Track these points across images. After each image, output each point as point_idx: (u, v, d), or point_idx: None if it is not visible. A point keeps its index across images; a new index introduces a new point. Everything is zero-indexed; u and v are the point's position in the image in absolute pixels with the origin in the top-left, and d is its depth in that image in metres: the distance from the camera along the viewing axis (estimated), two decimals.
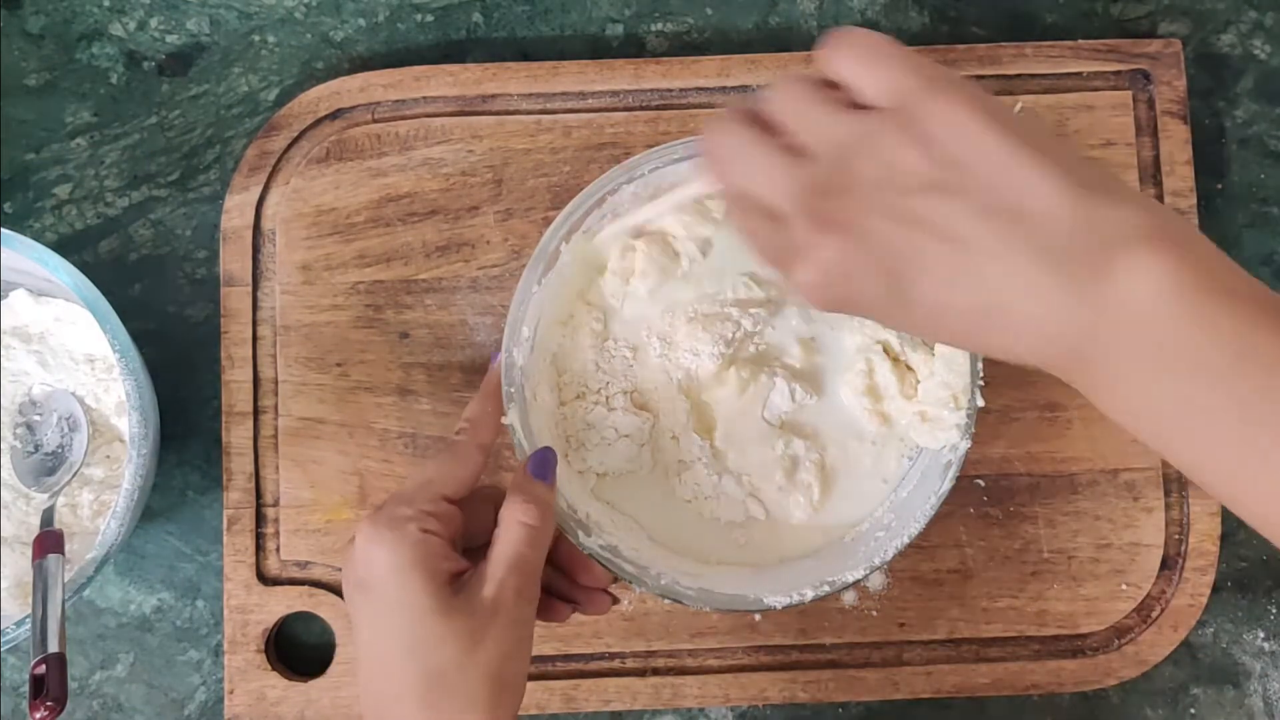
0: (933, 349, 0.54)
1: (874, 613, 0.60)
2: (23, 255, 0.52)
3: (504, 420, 0.51)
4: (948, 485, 0.52)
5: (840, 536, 0.55)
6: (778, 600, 0.51)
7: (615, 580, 0.51)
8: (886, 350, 0.55)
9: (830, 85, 0.38)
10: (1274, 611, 0.62)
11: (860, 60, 0.38)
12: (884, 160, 0.36)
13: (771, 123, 0.39)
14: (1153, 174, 0.62)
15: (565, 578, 0.52)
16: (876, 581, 0.60)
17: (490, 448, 0.49)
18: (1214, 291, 0.33)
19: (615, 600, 0.52)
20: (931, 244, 0.36)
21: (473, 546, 0.47)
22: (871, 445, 0.55)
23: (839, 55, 0.38)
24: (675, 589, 0.51)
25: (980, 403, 0.52)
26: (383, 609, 0.43)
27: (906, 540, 0.52)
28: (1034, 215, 0.35)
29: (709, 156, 0.40)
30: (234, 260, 0.61)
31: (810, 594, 0.51)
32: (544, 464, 0.49)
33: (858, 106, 0.37)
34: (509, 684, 0.44)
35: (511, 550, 0.45)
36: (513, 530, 0.45)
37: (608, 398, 0.55)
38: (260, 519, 0.60)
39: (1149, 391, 0.34)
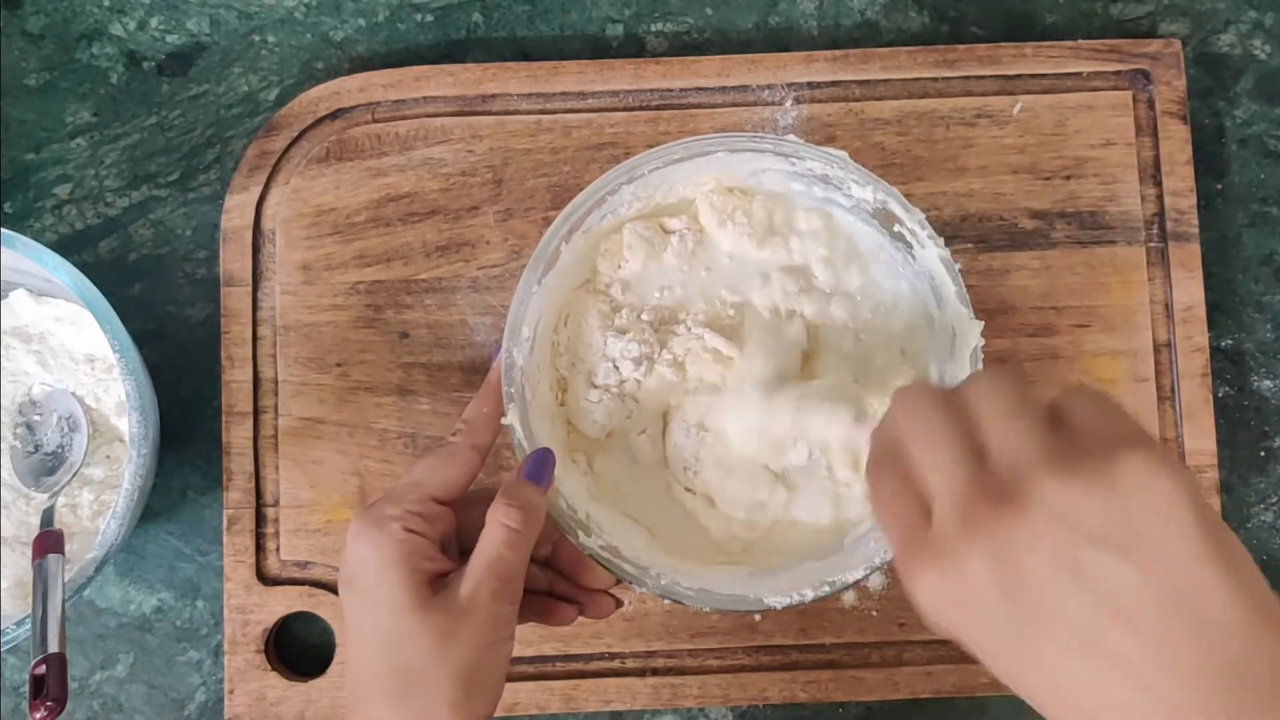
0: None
1: (874, 613, 0.60)
2: (23, 255, 0.52)
3: (504, 421, 0.51)
4: None
5: (840, 536, 0.55)
6: (778, 600, 0.51)
7: (617, 582, 0.51)
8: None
9: (1041, 405, 0.35)
10: None
11: (1079, 394, 0.35)
12: (1063, 493, 0.32)
13: (969, 412, 0.35)
14: (1153, 174, 0.62)
15: (568, 580, 0.52)
16: (876, 581, 0.60)
17: (487, 449, 0.49)
18: None
19: (619, 603, 0.52)
20: (1081, 599, 0.31)
21: (468, 549, 0.47)
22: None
23: (1065, 389, 0.35)
24: (675, 589, 0.51)
25: None
26: (364, 604, 0.44)
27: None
28: (1210, 629, 0.30)
29: (900, 411, 0.37)
30: (234, 260, 0.61)
31: (810, 594, 0.51)
32: (540, 465, 0.49)
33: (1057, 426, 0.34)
34: (481, 683, 0.44)
35: (492, 551, 0.45)
36: (494, 531, 0.45)
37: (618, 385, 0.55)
38: (260, 519, 0.60)
39: None
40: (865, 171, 0.53)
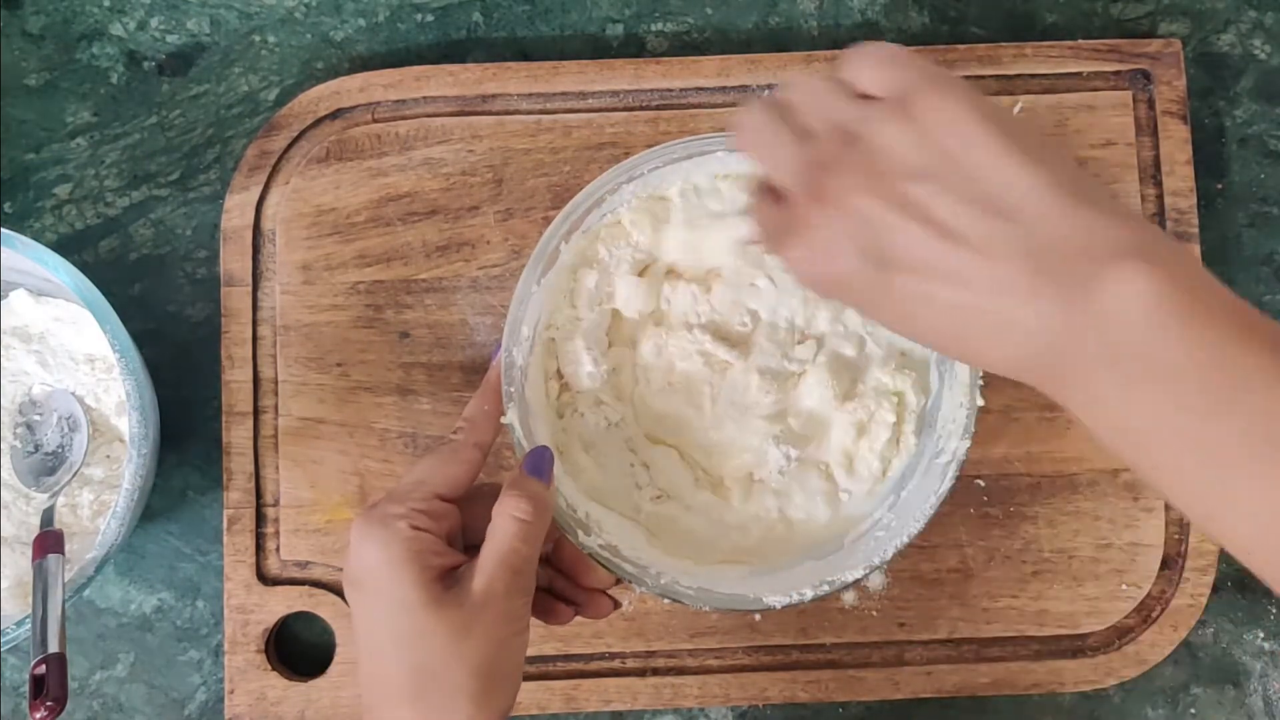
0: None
1: (874, 613, 0.60)
2: (23, 255, 0.52)
3: (503, 420, 0.51)
4: (948, 485, 0.52)
5: (841, 535, 0.55)
6: (777, 600, 0.51)
7: (617, 582, 0.51)
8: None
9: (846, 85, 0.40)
10: (1274, 611, 0.62)
11: (870, 60, 0.39)
12: (877, 144, 0.37)
13: (789, 108, 0.40)
14: (1153, 174, 0.62)
15: (567, 579, 0.52)
16: (876, 581, 0.60)
17: (488, 447, 0.49)
18: (1195, 307, 0.34)
19: (617, 604, 0.52)
20: (915, 229, 0.36)
21: (474, 544, 0.47)
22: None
23: (853, 57, 0.40)
24: (675, 588, 0.51)
25: (980, 402, 0.52)
26: (374, 604, 0.44)
27: (906, 540, 0.52)
28: (1022, 217, 0.35)
29: (735, 134, 0.42)
30: (234, 260, 0.61)
31: (810, 593, 0.51)
32: (540, 462, 0.49)
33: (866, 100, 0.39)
34: (499, 677, 0.44)
35: (504, 544, 0.45)
36: (505, 524, 0.45)
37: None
38: (260, 519, 0.60)
39: (1125, 404, 0.35)
40: None
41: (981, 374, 0.52)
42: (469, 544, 0.48)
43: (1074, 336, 0.35)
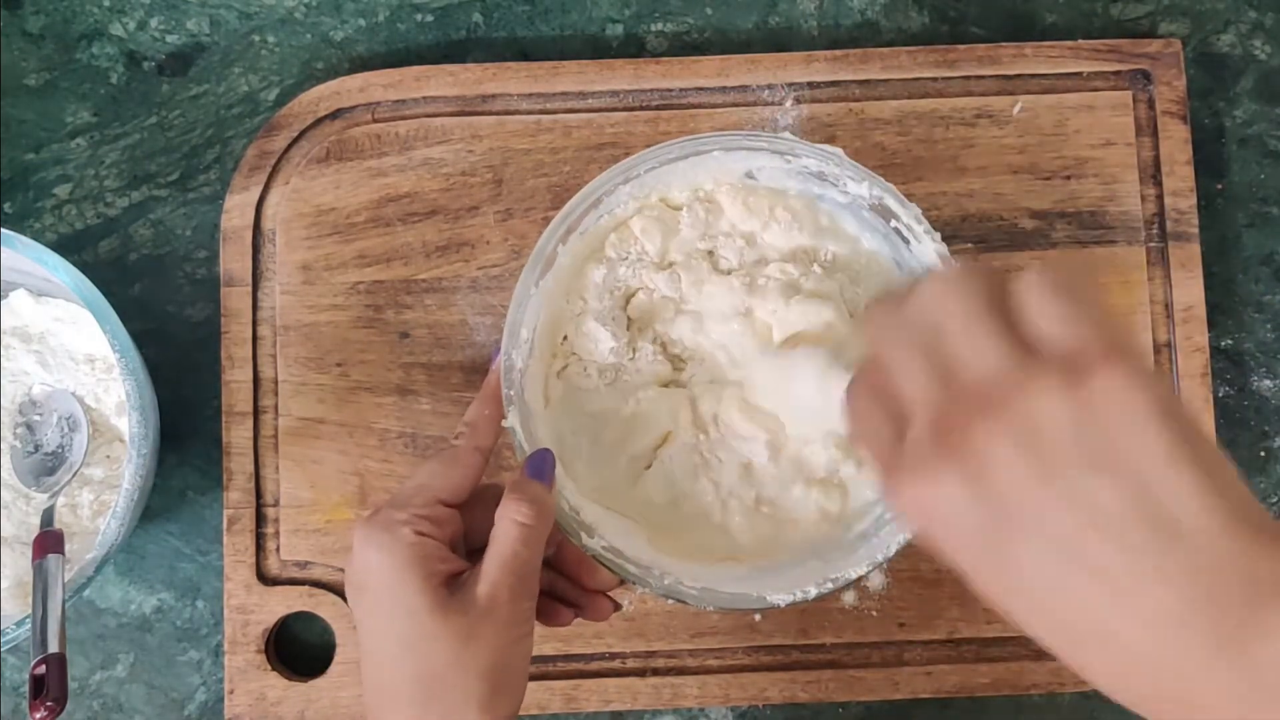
0: None
1: (874, 613, 0.60)
2: (23, 255, 0.52)
3: (504, 423, 0.51)
4: None
5: (843, 533, 0.55)
6: (780, 598, 0.51)
7: (620, 583, 0.51)
8: None
9: (1006, 302, 0.34)
10: None
11: (1044, 293, 0.33)
12: (1033, 413, 0.32)
13: (936, 322, 0.35)
14: (1153, 174, 0.62)
15: (569, 582, 0.52)
16: (876, 581, 0.60)
17: (490, 451, 0.49)
18: None
19: (617, 606, 0.52)
20: (1064, 516, 0.31)
21: (477, 548, 0.47)
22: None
23: (1026, 282, 0.34)
24: (678, 589, 0.51)
25: None
26: (378, 610, 0.44)
27: (909, 536, 0.52)
28: (1186, 537, 0.30)
29: (865, 328, 0.37)
30: (234, 260, 0.61)
31: (814, 591, 0.51)
32: (541, 465, 0.49)
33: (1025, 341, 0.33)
34: (506, 681, 0.44)
35: (506, 549, 0.45)
36: (507, 529, 0.45)
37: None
38: (260, 519, 0.60)
39: None
40: (860, 167, 0.53)
41: None
42: (472, 548, 0.47)
43: (1234, 692, 0.29)
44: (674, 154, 0.53)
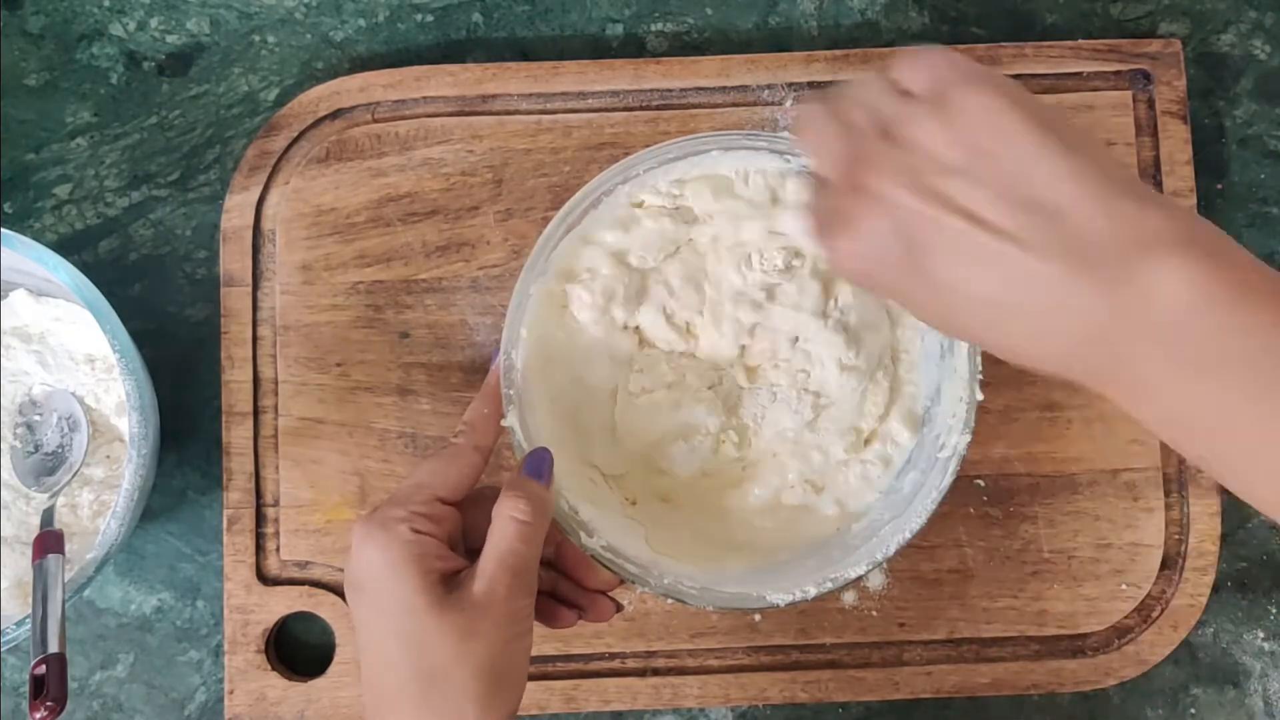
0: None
1: (874, 613, 0.60)
2: (23, 255, 0.52)
3: (504, 423, 0.51)
4: (949, 479, 0.52)
5: (842, 532, 0.55)
6: (780, 597, 0.51)
7: (621, 583, 0.51)
8: None
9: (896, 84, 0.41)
10: (1274, 611, 0.62)
11: (917, 62, 0.40)
12: (914, 140, 0.38)
13: (840, 105, 0.41)
14: (1153, 174, 0.62)
15: (571, 582, 0.52)
16: (876, 581, 0.60)
17: (489, 450, 0.49)
18: (1246, 294, 0.34)
19: (619, 607, 0.52)
20: (955, 224, 0.36)
21: (474, 548, 0.47)
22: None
23: (902, 57, 0.41)
24: (678, 588, 0.51)
25: (980, 396, 0.52)
26: (377, 608, 0.44)
27: (909, 535, 0.52)
28: (1061, 209, 0.35)
29: (794, 128, 0.44)
30: (234, 260, 0.61)
31: (814, 590, 0.51)
32: (539, 464, 0.49)
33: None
34: (505, 678, 0.44)
35: (504, 545, 0.45)
36: (505, 525, 0.45)
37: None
38: (260, 519, 0.60)
39: (1185, 397, 0.35)
40: None
41: (981, 369, 0.52)
42: (470, 548, 0.47)
43: (1119, 328, 0.35)
44: (673, 154, 0.53)
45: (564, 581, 0.52)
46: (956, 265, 0.37)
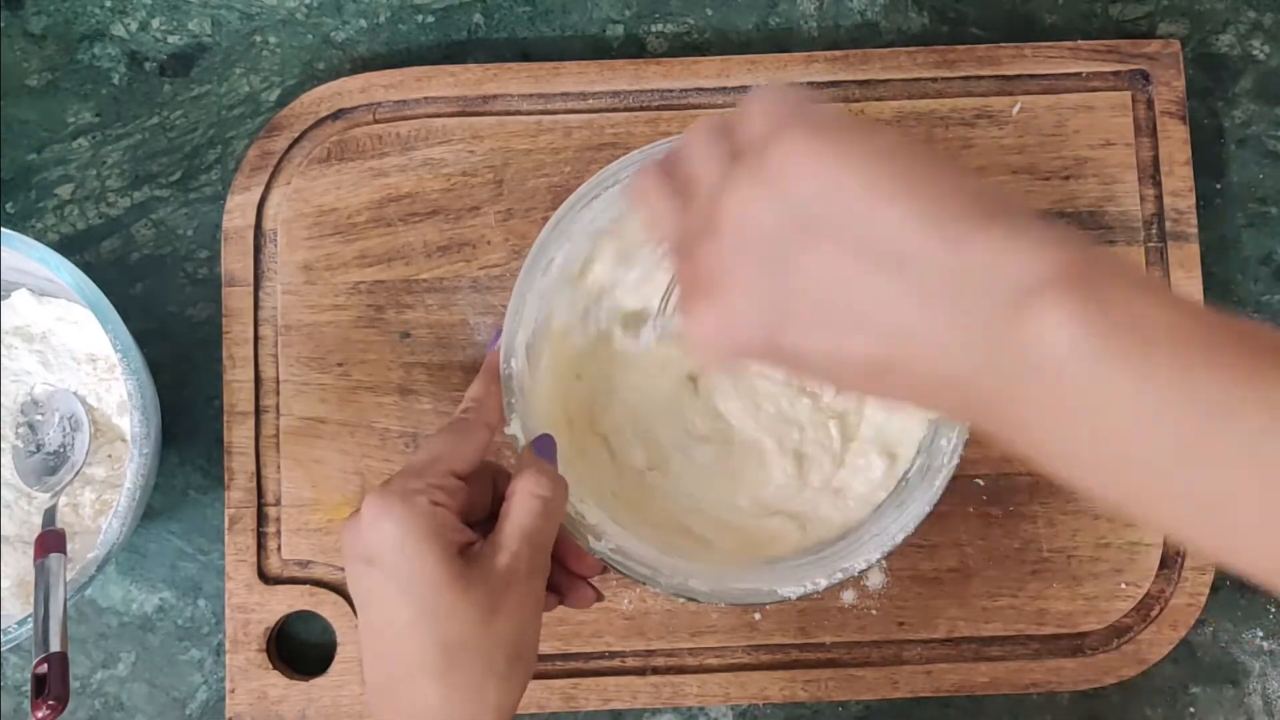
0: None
1: (873, 611, 0.60)
2: (25, 255, 0.53)
3: (506, 431, 0.51)
4: (953, 462, 0.52)
5: (847, 524, 0.55)
6: (791, 591, 0.51)
7: (604, 570, 0.51)
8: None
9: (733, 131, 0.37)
10: (1273, 611, 0.62)
11: (743, 109, 0.37)
12: (737, 208, 0.34)
13: (677, 167, 0.39)
14: (1152, 174, 0.62)
15: (556, 566, 0.52)
16: (876, 580, 0.60)
17: (496, 426, 0.49)
18: (1132, 333, 0.30)
19: (599, 596, 0.52)
20: (802, 292, 0.34)
21: (471, 522, 0.47)
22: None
23: (741, 103, 0.37)
24: (688, 587, 0.51)
25: None
26: (393, 581, 0.43)
27: (915, 524, 0.52)
28: (914, 258, 0.32)
29: (631, 199, 0.41)
30: (235, 260, 0.61)
31: (824, 582, 0.51)
32: (545, 449, 0.49)
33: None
34: (523, 654, 0.44)
35: (526, 521, 0.44)
36: (526, 502, 0.45)
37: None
38: (262, 518, 0.60)
39: (1076, 441, 0.32)
40: None
41: None
42: (468, 523, 0.47)
43: (1006, 381, 0.31)
44: (660, 155, 0.54)
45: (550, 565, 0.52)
46: (821, 334, 0.34)
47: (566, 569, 0.51)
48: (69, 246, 0.63)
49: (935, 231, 0.32)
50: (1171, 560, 0.60)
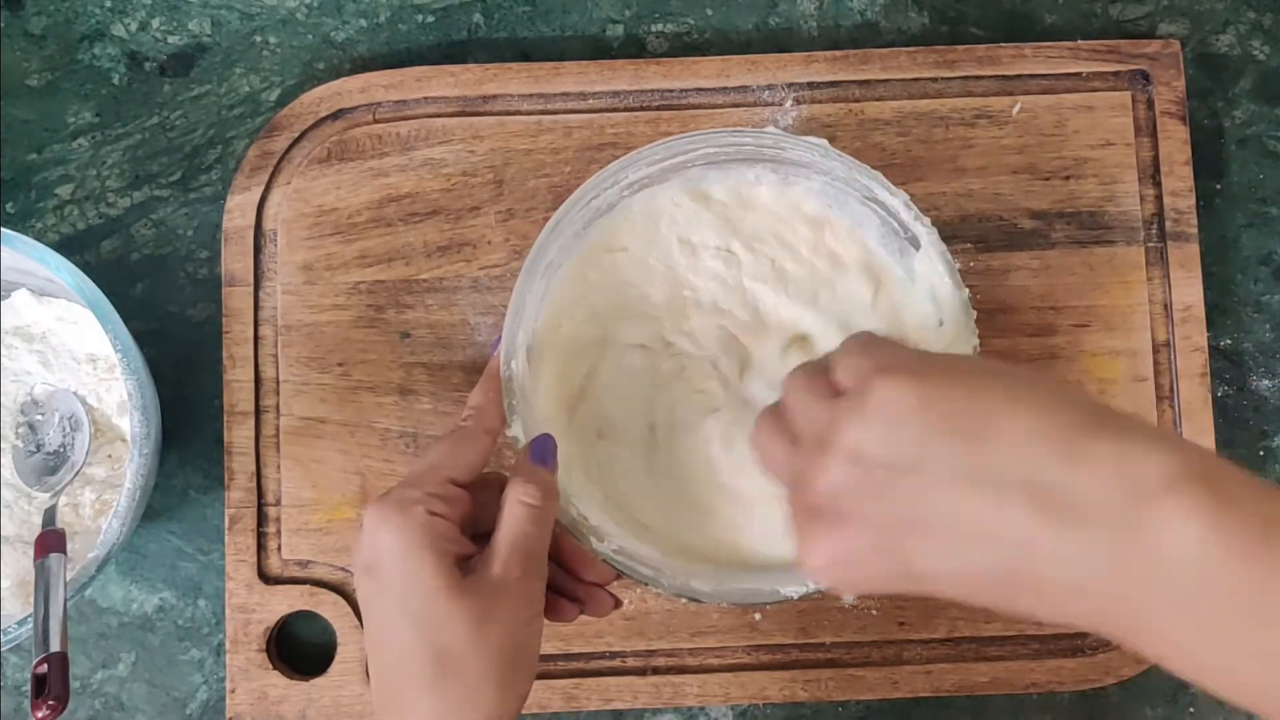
0: None
1: (874, 611, 0.60)
2: (25, 255, 0.53)
3: (508, 433, 0.51)
4: None
5: None
6: (794, 590, 0.51)
7: (618, 577, 0.52)
8: None
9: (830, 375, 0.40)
10: None
11: (841, 354, 0.40)
12: (847, 445, 0.37)
13: (785, 415, 0.41)
14: (1152, 174, 0.62)
15: (568, 575, 0.52)
16: None
17: (498, 433, 0.50)
18: (1261, 528, 0.31)
19: (618, 603, 0.52)
20: (919, 520, 0.35)
21: (482, 532, 0.47)
22: None
23: (838, 349, 0.40)
24: (691, 588, 0.52)
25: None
26: (390, 591, 0.43)
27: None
28: (1022, 480, 0.33)
29: (753, 449, 0.43)
30: (235, 260, 0.61)
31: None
32: (543, 450, 0.49)
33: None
34: (520, 662, 0.44)
35: (515, 529, 0.45)
36: (515, 509, 0.45)
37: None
38: (262, 518, 0.60)
39: (1217, 647, 0.32)
40: (846, 158, 0.54)
41: (978, 339, 0.53)
42: (474, 533, 0.48)
43: (1137, 591, 0.32)
44: (659, 155, 0.54)
45: (561, 574, 0.52)
46: (942, 559, 0.35)
47: (580, 578, 0.52)
48: (69, 246, 0.63)
49: (1042, 448, 0.33)
50: None
